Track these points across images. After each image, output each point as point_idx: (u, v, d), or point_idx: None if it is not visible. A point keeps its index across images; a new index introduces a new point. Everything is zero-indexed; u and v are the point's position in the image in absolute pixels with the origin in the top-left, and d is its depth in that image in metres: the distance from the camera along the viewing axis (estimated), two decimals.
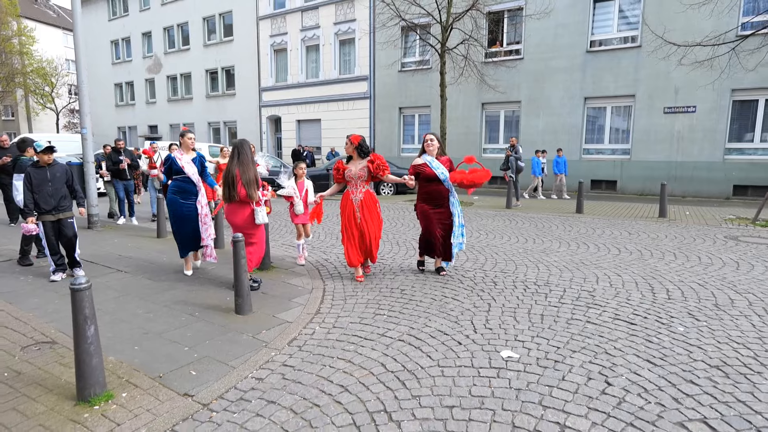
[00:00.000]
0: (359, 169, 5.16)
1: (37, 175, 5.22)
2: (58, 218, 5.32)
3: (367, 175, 5.16)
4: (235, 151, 4.70)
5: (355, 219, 5.19)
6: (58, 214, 5.32)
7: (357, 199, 5.20)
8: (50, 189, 5.25)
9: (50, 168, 5.32)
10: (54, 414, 2.65)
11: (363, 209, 5.17)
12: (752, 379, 2.98)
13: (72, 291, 2.70)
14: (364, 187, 5.22)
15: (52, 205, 5.27)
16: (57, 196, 5.29)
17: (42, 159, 5.25)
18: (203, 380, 3.05)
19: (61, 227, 5.35)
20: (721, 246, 7.02)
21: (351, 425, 2.54)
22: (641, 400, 2.74)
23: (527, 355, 3.35)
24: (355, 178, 5.18)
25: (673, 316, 4.11)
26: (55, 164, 5.37)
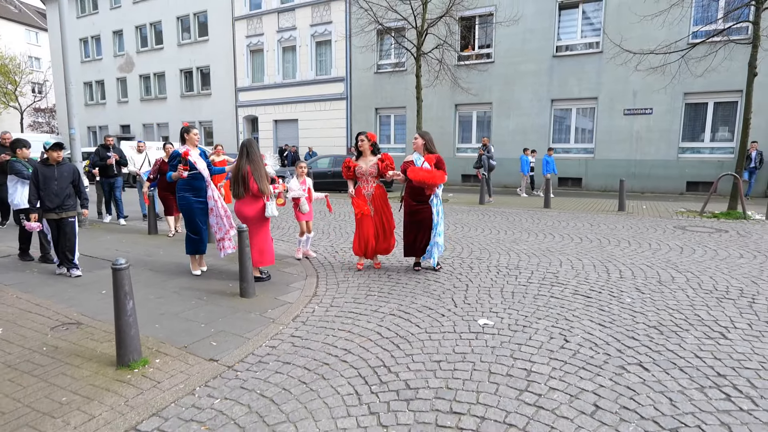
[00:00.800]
0: (370, 166, 5.53)
1: (45, 173, 5.32)
2: (61, 217, 5.38)
3: (376, 172, 5.53)
4: (245, 150, 5.09)
5: (365, 212, 5.55)
6: (62, 213, 5.37)
7: (369, 193, 5.57)
8: (56, 187, 5.32)
9: (58, 167, 5.40)
10: (100, 376, 3.08)
11: (375, 202, 5.56)
12: (680, 335, 3.65)
13: (113, 270, 3.14)
14: (374, 182, 5.58)
15: (56, 204, 5.31)
16: (62, 194, 5.34)
17: (51, 156, 5.32)
18: (223, 349, 3.51)
19: (62, 225, 5.41)
20: (670, 234, 7.84)
21: (357, 376, 3.07)
22: (592, 352, 3.37)
23: (500, 323, 3.95)
24: (366, 175, 5.55)
25: (623, 291, 4.80)
26: (63, 163, 5.46)
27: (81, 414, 2.65)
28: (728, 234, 7.84)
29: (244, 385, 2.99)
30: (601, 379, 2.98)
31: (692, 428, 2.45)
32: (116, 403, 2.75)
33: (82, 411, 2.67)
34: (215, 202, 5.47)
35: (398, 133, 20.85)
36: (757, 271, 5.52)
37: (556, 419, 2.55)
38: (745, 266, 5.73)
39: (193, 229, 5.48)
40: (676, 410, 2.62)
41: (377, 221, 5.61)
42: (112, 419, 2.60)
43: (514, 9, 16.55)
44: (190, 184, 5.40)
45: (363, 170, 5.56)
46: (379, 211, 5.60)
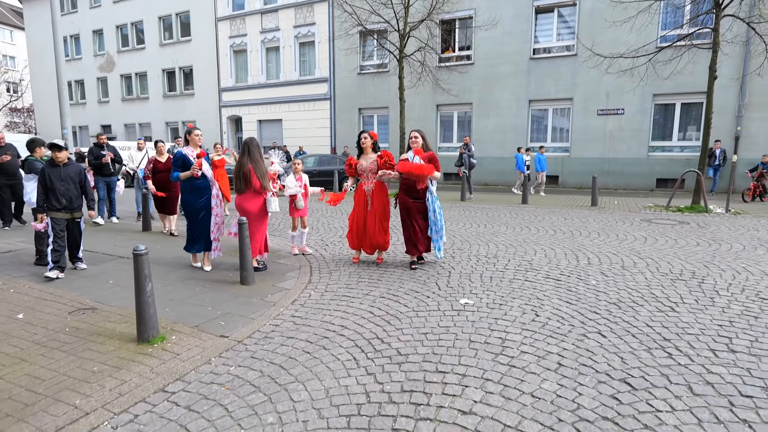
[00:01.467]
0: (370, 163, 5.77)
1: (51, 174, 5.32)
2: (70, 217, 5.41)
3: (376, 169, 5.74)
4: (246, 148, 5.43)
5: (365, 207, 5.82)
6: (68, 213, 5.40)
7: (369, 189, 5.81)
8: (62, 188, 5.29)
9: (64, 167, 5.40)
10: (123, 350, 3.44)
11: (374, 198, 5.79)
12: (636, 309, 4.17)
13: (134, 256, 3.50)
14: (374, 178, 5.80)
15: (63, 204, 5.31)
16: (68, 195, 5.32)
17: (56, 157, 5.35)
18: (232, 327, 3.89)
19: (72, 227, 5.48)
20: (637, 226, 8.45)
21: (354, 347, 3.49)
22: (558, 324, 3.85)
23: (479, 302, 4.42)
24: (366, 171, 5.79)
25: (589, 275, 5.32)
26: (69, 164, 5.48)
27: (113, 380, 3.01)
28: (689, 225, 8.48)
29: (254, 355, 3.38)
30: (564, 344, 3.46)
31: (637, 378, 2.94)
32: (143, 371, 3.12)
33: (113, 377, 3.04)
34: (218, 203, 5.64)
35: (381, 132, 21.23)
36: (710, 256, 6.11)
37: (526, 374, 3.01)
38: (700, 253, 6.33)
39: (194, 228, 5.61)
40: (625, 365, 3.11)
41: (372, 216, 5.77)
42: (142, 383, 2.97)
43: (492, 12, 17.14)
44: (194, 185, 5.49)
45: (364, 167, 5.79)
46: (376, 206, 5.79)
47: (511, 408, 2.63)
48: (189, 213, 5.61)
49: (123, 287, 4.99)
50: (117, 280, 5.27)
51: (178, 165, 5.47)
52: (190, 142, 5.64)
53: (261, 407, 2.69)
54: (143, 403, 2.77)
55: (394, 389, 2.86)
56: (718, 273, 5.31)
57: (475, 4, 17.77)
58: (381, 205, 5.82)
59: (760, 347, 3.36)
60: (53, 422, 2.56)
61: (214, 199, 5.62)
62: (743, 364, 3.10)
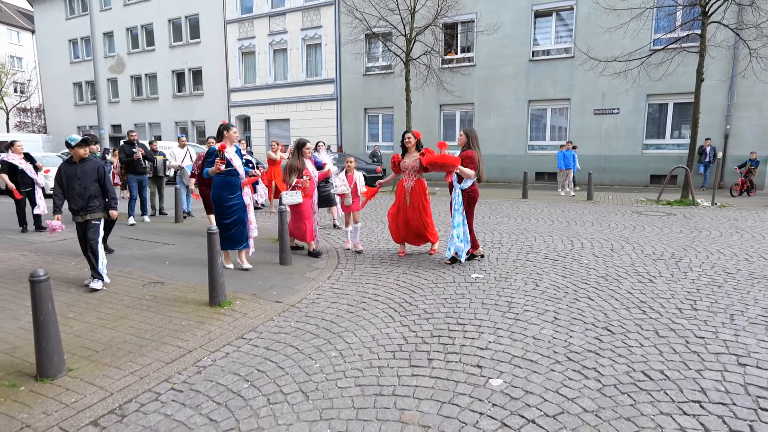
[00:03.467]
0: (413, 161, 6.01)
1: (68, 172, 4.82)
2: (85, 219, 4.87)
3: (418, 167, 5.95)
4: (297, 150, 6.14)
5: (404, 203, 6.09)
6: (86, 215, 4.85)
7: (409, 186, 6.07)
8: (79, 187, 4.78)
9: (81, 164, 4.85)
10: (200, 311, 4.22)
11: (412, 195, 6.03)
12: (620, 281, 4.96)
13: (209, 234, 4.27)
14: (415, 176, 6.05)
15: (80, 205, 4.80)
16: (86, 195, 4.80)
17: (77, 153, 4.82)
18: (283, 295, 4.67)
19: (86, 229, 4.89)
20: (628, 217, 9.24)
21: (388, 308, 4.27)
22: (555, 291, 4.64)
23: (488, 276, 5.20)
24: (409, 169, 6.04)
25: (582, 256, 6.11)
26: (87, 160, 4.90)
27: (201, 330, 3.79)
28: (676, 216, 9.27)
29: (308, 315, 4.16)
30: (560, 305, 4.24)
31: (616, 326, 3.73)
32: (222, 325, 3.90)
33: (200, 329, 3.82)
34: (250, 200, 5.72)
35: (386, 131, 22.04)
36: (689, 241, 6.90)
37: (528, 325, 3.79)
38: (682, 239, 7.11)
39: (224, 225, 5.50)
40: (608, 319, 3.90)
41: (412, 212, 6.03)
42: (224, 332, 3.75)
43: (493, 16, 17.92)
44: (225, 181, 5.46)
45: (406, 165, 6.05)
46: (415, 203, 6.01)
47: (518, 346, 3.41)
48: (220, 209, 5.53)
49: (178, 267, 5.77)
50: (171, 261, 6.05)
51: (210, 161, 5.46)
52: (225, 138, 5.54)
53: (324, 347, 3.47)
54: (229, 345, 3.55)
55: (426, 335, 3.64)
56: (694, 254, 6.10)
57: (477, 8, 18.53)
58: (419, 201, 6.03)
59: (718, 307, 4.14)
60: (167, 356, 3.34)
61: (246, 196, 5.63)
62: (702, 318, 3.89)
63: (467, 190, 5.65)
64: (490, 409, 2.61)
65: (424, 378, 2.98)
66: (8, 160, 8.13)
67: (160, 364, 3.22)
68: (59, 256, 6.38)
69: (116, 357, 3.32)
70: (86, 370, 3.13)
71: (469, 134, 5.68)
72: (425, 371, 3.07)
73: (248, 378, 3.03)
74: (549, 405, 2.63)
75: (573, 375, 2.96)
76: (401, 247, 6.45)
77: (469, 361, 3.19)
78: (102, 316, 4.11)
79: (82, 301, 4.49)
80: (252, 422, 2.55)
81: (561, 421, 2.48)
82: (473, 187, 5.70)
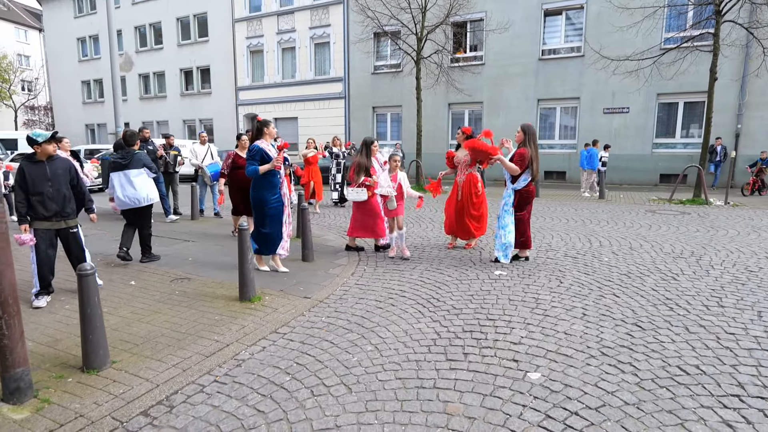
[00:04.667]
0: (464, 156, 6.19)
1: (33, 172, 4.17)
2: (60, 227, 4.33)
3: (470, 160, 6.09)
4: (365, 148, 6.15)
5: (456, 197, 6.32)
6: (61, 222, 4.32)
7: (461, 180, 6.28)
8: (50, 190, 4.19)
9: (49, 163, 4.24)
10: (231, 306, 4.28)
11: (463, 189, 6.24)
12: (643, 279, 5.00)
13: (240, 231, 4.33)
14: (467, 170, 6.23)
15: (54, 210, 4.24)
16: (60, 198, 4.25)
17: (45, 151, 4.19)
18: (310, 291, 4.73)
19: (67, 240, 4.42)
20: (642, 216, 9.26)
21: (417, 304, 4.32)
22: (579, 288, 4.68)
23: (511, 273, 5.25)
24: (461, 163, 6.27)
25: (602, 254, 6.14)
26: (55, 159, 4.31)
27: (235, 325, 3.85)
28: (690, 215, 9.29)
29: (338, 310, 4.22)
30: (586, 302, 4.28)
31: (645, 323, 3.76)
32: (254, 320, 3.96)
33: (234, 324, 3.88)
34: (288, 200, 5.46)
35: (393, 130, 22.08)
36: (708, 240, 6.92)
37: (558, 321, 3.84)
38: (699, 237, 7.13)
39: (265, 227, 5.28)
40: (636, 315, 3.93)
41: (461, 206, 6.25)
42: (258, 327, 3.81)
43: (503, 15, 17.91)
44: (268, 181, 5.17)
45: (459, 159, 6.31)
46: (465, 197, 6.22)
47: (550, 341, 3.46)
48: (262, 211, 5.24)
49: (202, 263, 5.84)
50: (195, 258, 6.12)
51: (256, 159, 5.10)
52: (265, 134, 5.24)
53: (358, 341, 3.53)
54: (265, 339, 3.61)
55: (458, 330, 3.69)
56: (713, 252, 6.12)
57: (487, 6, 18.52)
58: (469, 196, 6.21)
59: (744, 304, 4.17)
60: (205, 349, 3.40)
61: (284, 197, 5.39)
62: (729, 314, 3.92)
63: (521, 190, 5.50)
64: (531, 402, 2.66)
65: (463, 371, 3.03)
66: None
67: (200, 357, 3.28)
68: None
69: (156, 350, 3.39)
70: (129, 362, 3.20)
71: (527, 131, 5.47)
72: (462, 365, 3.12)
73: (289, 371, 3.09)
74: (590, 398, 2.68)
75: (609, 369, 3.01)
76: (451, 239, 6.59)
77: (505, 355, 3.24)
78: (136, 310, 4.18)
79: (113, 296, 4.55)
80: (299, 413, 2.61)
81: (604, 413, 2.53)
82: (528, 187, 5.52)
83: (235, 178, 6.96)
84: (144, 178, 5.66)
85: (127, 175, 5.58)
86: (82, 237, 4.54)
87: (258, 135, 5.27)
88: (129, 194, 5.55)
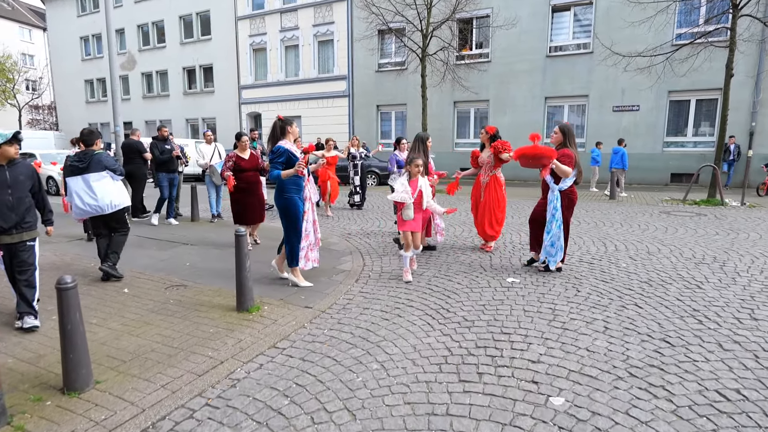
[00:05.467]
0: (488, 156, 6.04)
1: None
2: (15, 241, 3.74)
3: (493, 162, 5.94)
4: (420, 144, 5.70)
5: (479, 198, 6.14)
6: (21, 234, 3.76)
7: (484, 181, 6.15)
8: (9, 198, 3.67)
9: (10, 168, 3.72)
10: (228, 317, 4.02)
11: (487, 191, 6.10)
12: (665, 287, 4.70)
13: (237, 236, 4.07)
14: (491, 171, 6.06)
15: (12, 221, 3.69)
16: (20, 208, 3.73)
17: (5, 154, 3.65)
18: (312, 300, 4.46)
19: (18, 252, 3.78)
20: (656, 218, 8.94)
21: (424, 314, 4.05)
22: (599, 298, 4.39)
23: (524, 281, 4.96)
24: (485, 164, 6.11)
25: (619, 259, 5.84)
26: (16, 163, 3.78)
27: (231, 338, 3.59)
28: (707, 217, 8.95)
29: (341, 321, 3.95)
30: (607, 313, 4.00)
31: (674, 338, 3.47)
32: (252, 333, 3.70)
33: (230, 337, 3.62)
34: (311, 204, 4.90)
35: (398, 129, 21.78)
36: (729, 244, 6.61)
37: (579, 335, 3.55)
38: (719, 241, 6.82)
39: (298, 235, 4.77)
40: (663, 329, 3.64)
41: (483, 208, 6.14)
42: (256, 341, 3.55)
43: (510, 11, 17.57)
44: (297, 183, 4.67)
45: (483, 159, 6.16)
46: (487, 198, 6.06)
47: (572, 359, 3.18)
48: (295, 217, 4.70)
49: (200, 269, 5.59)
50: (192, 263, 5.86)
51: (281, 161, 4.53)
52: (289, 133, 4.70)
53: (363, 358, 3.26)
54: (262, 355, 3.34)
55: (470, 345, 3.42)
56: (737, 258, 5.81)
57: (493, 2, 18.18)
58: (492, 198, 6.04)
59: None
60: (198, 367, 3.14)
61: (307, 201, 4.83)
62: (764, 329, 3.62)
63: (566, 191, 5.07)
64: None
65: (478, 395, 2.75)
66: None
67: (192, 376, 3.03)
68: (77, 257, 6.23)
69: (145, 368, 3.13)
70: (114, 382, 2.94)
71: (566, 131, 5.09)
72: (477, 387, 2.84)
73: (287, 393, 2.82)
74: (622, 429, 2.39)
75: (640, 393, 2.72)
76: (487, 242, 6.42)
77: (523, 375, 2.96)
78: (126, 321, 3.93)
79: (104, 305, 4.31)
80: None
81: None
82: (572, 188, 5.10)
83: (238, 182, 6.50)
84: (107, 182, 4.94)
85: (87, 180, 4.85)
86: (37, 253, 3.94)
87: (280, 135, 4.70)
88: (89, 202, 4.85)
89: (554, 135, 5.20)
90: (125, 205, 5.12)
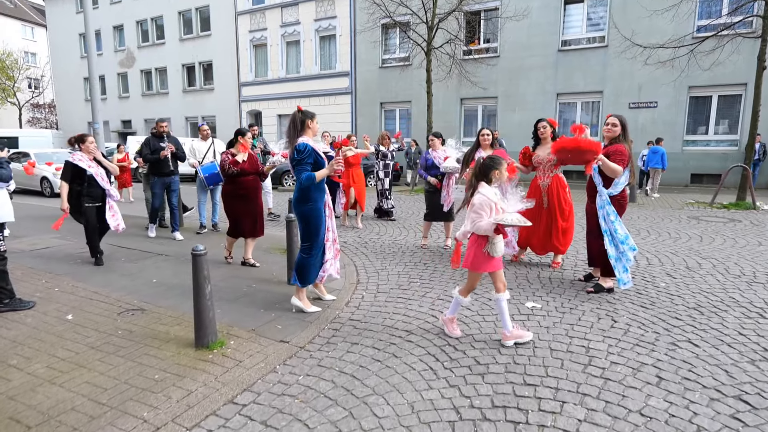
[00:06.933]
0: (548, 154, 5.01)
1: None
2: None
3: (555, 160, 4.98)
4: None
5: (541, 204, 5.13)
6: None
7: (545, 183, 5.19)
8: None
9: None
10: (182, 356, 3.24)
11: (551, 194, 5.14)
12: (721, 315, 3.87)
13: (193, 256, 3.28)
14: (552, 171, 5.16)
15: None
16: None
17: None
18: (290, 331, 3.67)
19: None
20: (686, 224, 8.07)
21: (426, 354, 3.25)
22: (641, 331, 3.57)
23: (547, 305, 4.15)
24: (544, 163, 5.13)
25: (655, 276, 5.01)
26: None
27: (178, 389, 2.81)
28: (742, 224, 8.08)
29: (321, 363, 3.16)
30: (656, 354, 3.18)
31: (753, 395, 2.65)
32: (207, 380, 2.92)
33: (177, 387, 2.84)
34: (330, 211, 4.19)
35: (403, 126, 20.97)
36: None
37: (625, 389, 2.74)
38: (766, 253, 5.96)
39: (319, 248, 4.11)
40: (734, 380, 2.82)
41: (547, 215, 5.18)
42: (209, 394, 2.77)
43: (520, 3, 16.69)
44: (320, 188, 3.99)
45: (541, 158, 5.15)
46: (554, 204, 5.15)
47: (622, 428, 2.37)
48: (317, 226, 4.00)
49: (168, 286, 4.82)
50: (160, 279, 5.10)
51: (309, 161, 3.80)
52: (309, 129, 3.95)
53: (344, 423, 2.47)
54: (214, 416, 2.56)
55: (485, 404, 2.62)
56: None
57: None
58: (560, 202, 5.15)
59: None
60: None
61: (326, 208, 4.14)
62: None
63: (616, 197, 4.29)
64: None
65: None
66: (74, 162, 5.56)
67: None
68: (27, 272, 5.48)
69: None
70: None
71: (625, 123, 4.37)
72: None
73: None
74: None
75: None
76: (520, 251, 5.62)
77: None
78: (54, 363, 3.16)
79: (36, 338, 3.54)
80: None
81: None
82: (623, 193, 4.34)
83: (233, 185, 5.53)
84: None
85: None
86: None
87: (302, 128, 3.91)
88: None
89: (610, 128, 4.35)
90: (8, 220, 4.32)
